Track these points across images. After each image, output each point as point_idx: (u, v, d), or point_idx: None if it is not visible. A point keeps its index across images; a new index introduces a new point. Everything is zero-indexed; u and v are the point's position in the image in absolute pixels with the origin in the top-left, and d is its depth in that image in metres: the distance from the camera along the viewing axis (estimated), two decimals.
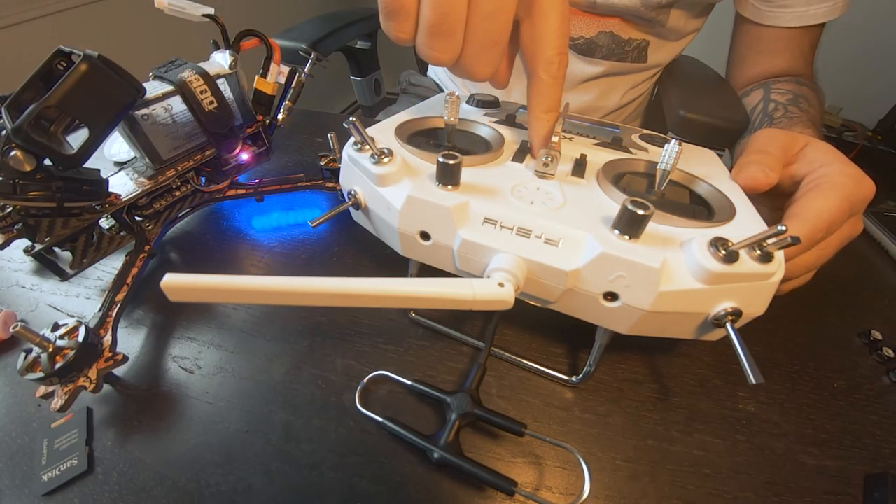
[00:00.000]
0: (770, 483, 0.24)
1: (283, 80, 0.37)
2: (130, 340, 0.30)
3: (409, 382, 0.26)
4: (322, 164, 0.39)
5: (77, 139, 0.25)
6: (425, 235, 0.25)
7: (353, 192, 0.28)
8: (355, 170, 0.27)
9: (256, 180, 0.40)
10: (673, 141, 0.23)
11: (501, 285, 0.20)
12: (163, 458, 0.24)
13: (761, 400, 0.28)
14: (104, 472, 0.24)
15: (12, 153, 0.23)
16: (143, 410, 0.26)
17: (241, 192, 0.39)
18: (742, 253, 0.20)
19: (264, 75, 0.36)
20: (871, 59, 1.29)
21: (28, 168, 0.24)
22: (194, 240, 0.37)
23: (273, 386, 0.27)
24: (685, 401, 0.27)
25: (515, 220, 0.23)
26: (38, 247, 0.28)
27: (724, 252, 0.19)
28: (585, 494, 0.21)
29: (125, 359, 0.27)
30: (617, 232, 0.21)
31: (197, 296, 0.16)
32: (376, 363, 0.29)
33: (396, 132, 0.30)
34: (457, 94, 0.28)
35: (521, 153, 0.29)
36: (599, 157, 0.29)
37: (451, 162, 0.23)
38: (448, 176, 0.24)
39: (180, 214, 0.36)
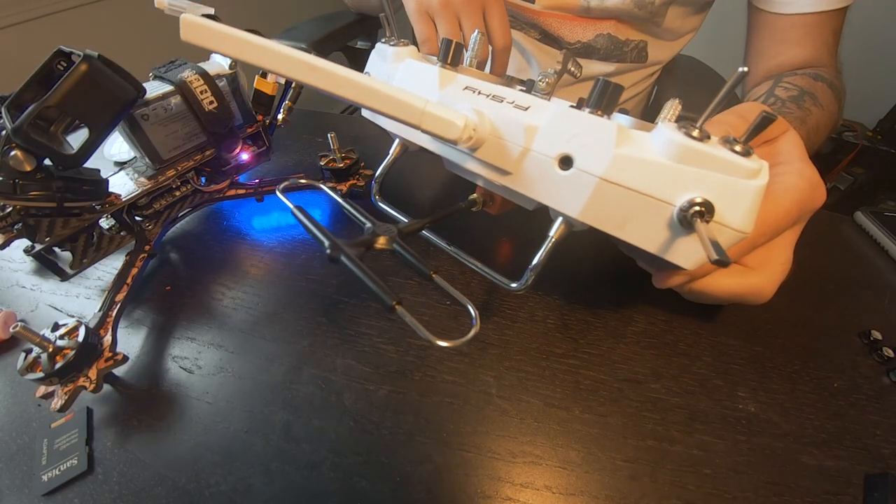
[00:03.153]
0: (770, 483, 0.24)
1: (283, 80, 0.37)
2: (130, 340, 0.30)
3: (339, 199, 0.26)
4: (322, 164, 0.39)
5: (77, 139, 0.25)
6: None
7: (367, 74, 0.28)
8: (377, 57, 0.29)
9: (256, 180, 0.40)
10: (675, 99, 0.22)
11: (455, 113, 0.20)
12: (163, 458, 0.24)
13: (761, 400, 0.28)
14: (104, 472, 0.24)
15: (12, 153, 0.23)
16: (143, 410, 0.26)
17: (241, 192, 0.39)
18: (716, 141, 0.19)
19: (264, 75, 0.36)
20: (870, 59, 1.29)
21: (28, 168, 0.24)
22: (194, 240, 0.37)
23: (273, 386, 0.27)
24: (685, 401, 0.27)
25: (494, 91, 0.23)
26: (38, 247, 0.28)
27: (695, 130, 0.18)
28: (471, 335, 0.19)
29: (125, 359, 0.27)
30: (589, 109, 0.20)
31: (207, 39, 0.16)
32: (376, 363, 0.29)
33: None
34: (485, 33, 0.28)
35: (530, 85, 0.29)
36: None
37: (455, 39, 0.24)
38: (448, 54, 0.25)
39: (180, 214, 0.36)
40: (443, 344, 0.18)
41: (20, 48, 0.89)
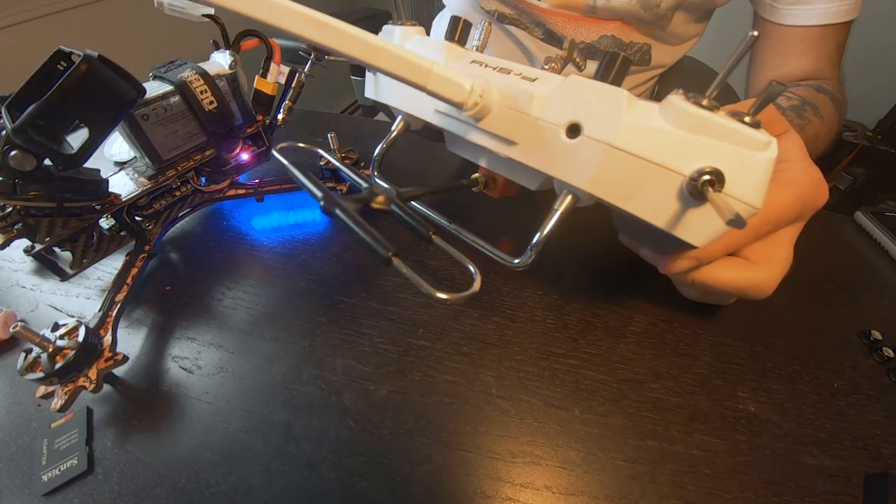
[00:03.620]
0: (770, 483, 0.24)
1: (283, 80, 0.37)
2: (130, 340, 0.30)
3: (337, 163, 0.27)
4: (322, 164, 0.39)
5: (77, 139, 0.25)
6: None
7: None
8: (385, 37, 0.28)
9: (256, 180, 0.40)
10: (679, 90, 0.22)
11: (462, 76, 0.20)
12: (163, 458, 0.24)
13: (761, 400, 0.28)
14: (104, 472, 0.24)
15: (12, 153, 0.23)
16: (143, 410, 0.26)
17: (241, 192, 0.39)
18: (724, 112, 0.18)
19: (264, 75, 0.36)
20: (870, 59, 1.29)
21: (28, 168, 0.24)
22: (194, 240, 0.37)
23: (273, 386, 0.27)
24: (685, 401, 0.27)
25: (501, 64, 0.23)
26: (38, 247, 0.28)
27: (704, 100, 0.18)
28: (471, 291, 0.19)
29: (125, 359, 0.27)
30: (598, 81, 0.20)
31: None
32: (376, 363, 0.29)
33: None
34: (490, 22, 0.28)
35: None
36: None
37: (463, 17, 0.24)
38: (456, 32, 0.24)
39: (180, 214, 0.36)
40: (442, 297, 0.18)
41: (20, 48, 0.89)
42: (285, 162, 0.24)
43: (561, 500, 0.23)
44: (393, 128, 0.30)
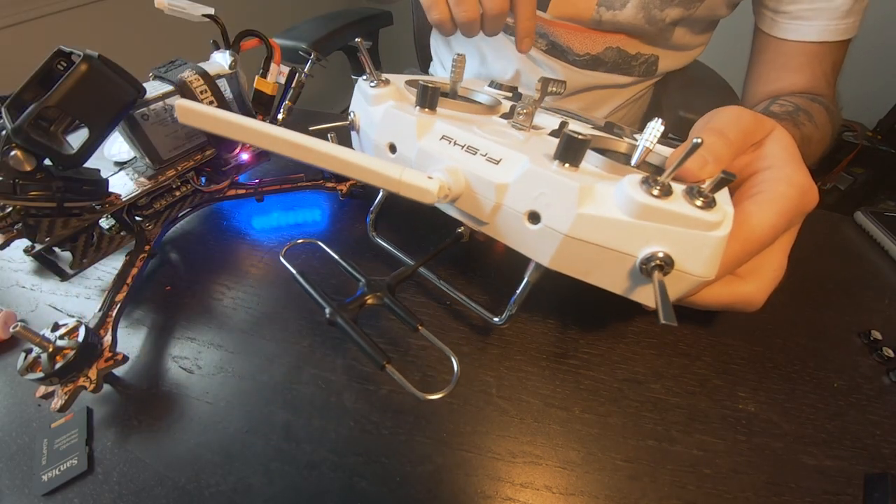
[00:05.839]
0: (770, 483, 0.24)
1: (283, 80, 0.37)
2: (130, 340, 0.30)
3: (336, 257, 0.28)
4: None
5: (77, 139, 0.25)
6: (392, 147, 0.27)
7: (353, 113, 0.31)
8: (359, 96, 0.30)
9: (256, 180, 0.40)
10: (658, 120, 0.22)
11: (430, 178, 0.21)
12: (163, 458, 0.24)
13: (761, 400, 0.28)
14: (104, 472, 0.24)
15: (12, 153, 0.23)
16: (143, 410, 0.26)
17: (241, 192, 0.39)
18: (679, 193, 0.19)
19: (264, 75, 0.36)
20: (870, 59, 1.29)
21: (28, 168, 0.24)
22: (194, 240, 0.37)
23: (273, 386, 0.27)
24: (685, 401, 0.27)
25: (468, 141, 0.24)
26: (38, 247, 0.28)
27: (656, 188, 0.18)
28: (451, 386, 0.21)
29: (125, 359, 0.27)
30: (557, 161, 0.21)
31: (202, 122, 0.18)
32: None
33: (406, 81, 0.32)
34: (463, 54, 0.29)
35: (512, 113, 0.30)
36: (586, 132, 0.29)
37: (431, 85, 0.25)
38: (426, 99, 0.26)
39: (180, 214, 0.36)
40: (430, 398, 0.21)
41: (20, 48, 0.89)
42: (293, 271, 0.26)
43: (561, 500, 0.23)
44: (380, 193, 0.32)
